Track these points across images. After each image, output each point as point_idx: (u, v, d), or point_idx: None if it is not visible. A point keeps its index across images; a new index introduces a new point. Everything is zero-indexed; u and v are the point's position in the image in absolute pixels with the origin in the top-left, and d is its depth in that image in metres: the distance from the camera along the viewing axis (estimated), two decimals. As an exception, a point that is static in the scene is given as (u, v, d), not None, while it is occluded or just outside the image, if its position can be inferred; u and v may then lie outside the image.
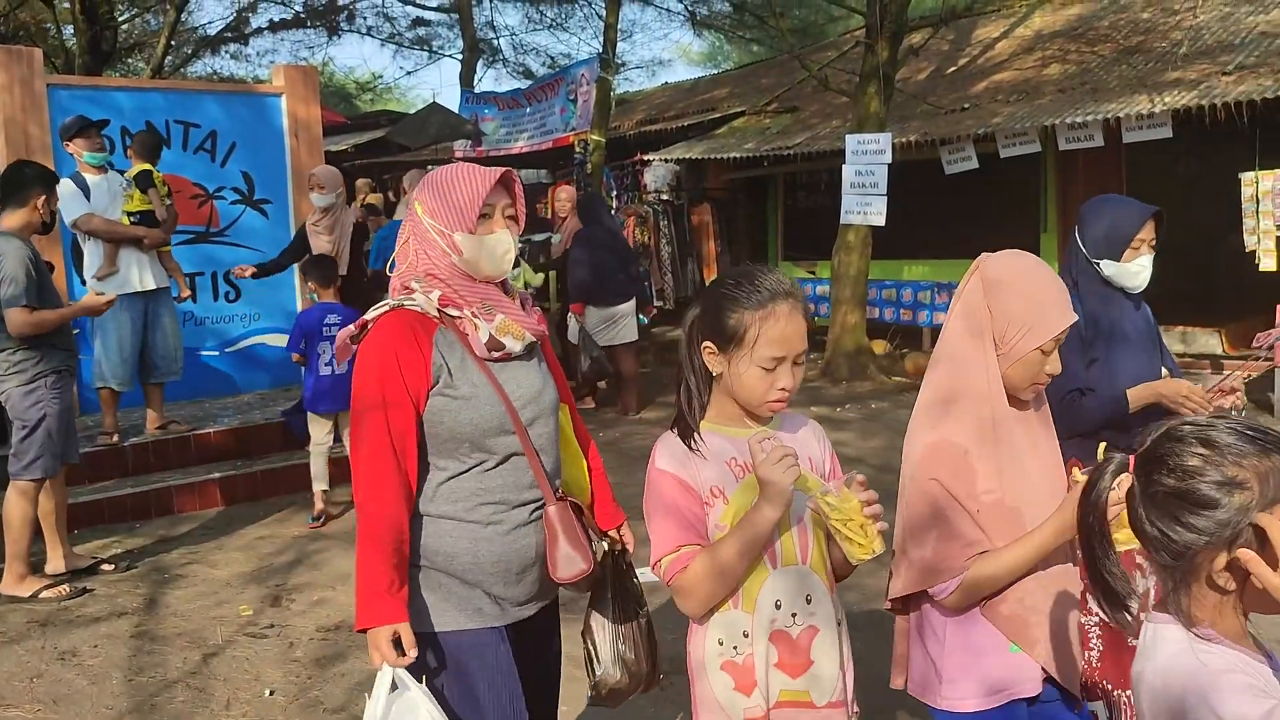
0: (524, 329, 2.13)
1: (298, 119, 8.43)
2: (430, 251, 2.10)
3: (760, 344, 1.85)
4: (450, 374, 2.05)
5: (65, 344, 4.86)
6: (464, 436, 2.06)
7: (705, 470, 1.91)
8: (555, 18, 16.55)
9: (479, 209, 2.07)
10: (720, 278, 1.98)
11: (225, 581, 5.03)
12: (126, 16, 14.29)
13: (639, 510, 2.02)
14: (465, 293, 2.10)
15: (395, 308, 2.08)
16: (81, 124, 6.19)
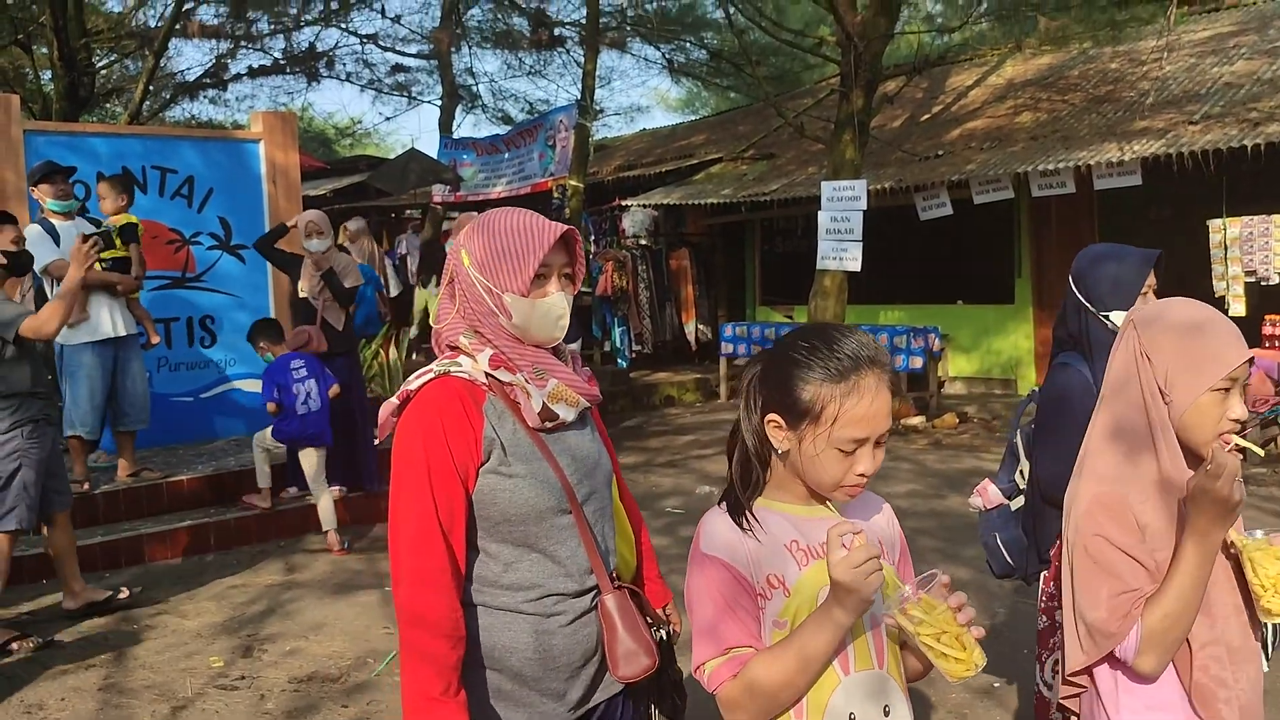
0: (577, 394, 1.89)
1: (276, 165, 8.44)
2: (476, 307, 1.86)
3: (841, 424, 1.57)
4: (503, 449, 1.81)
5: (43, 392, 4.82)
6: (518, 518, 1.82)
7: (761, 555, 1.63)
8: (534, 65, 16.69)
9: (535, 269, 1.81)
10: (791, 338, 1.67)
11: (196, 632, 4.95)
12: (105, 62, 14.33)
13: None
14: (515, 355, 1.85)
15: (441, 375, 1.83)
16: (47, 169, 6.18)
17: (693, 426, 10.05)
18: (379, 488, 6.83)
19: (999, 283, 11.37)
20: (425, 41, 15.68)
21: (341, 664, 4.51)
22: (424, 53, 16.27)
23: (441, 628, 1.73)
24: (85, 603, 5.10)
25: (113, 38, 13.85)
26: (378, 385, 8.60)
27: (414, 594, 1.73)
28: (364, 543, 6.40)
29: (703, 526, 1.70)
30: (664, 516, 6.79)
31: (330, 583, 5.63)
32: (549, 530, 1.84)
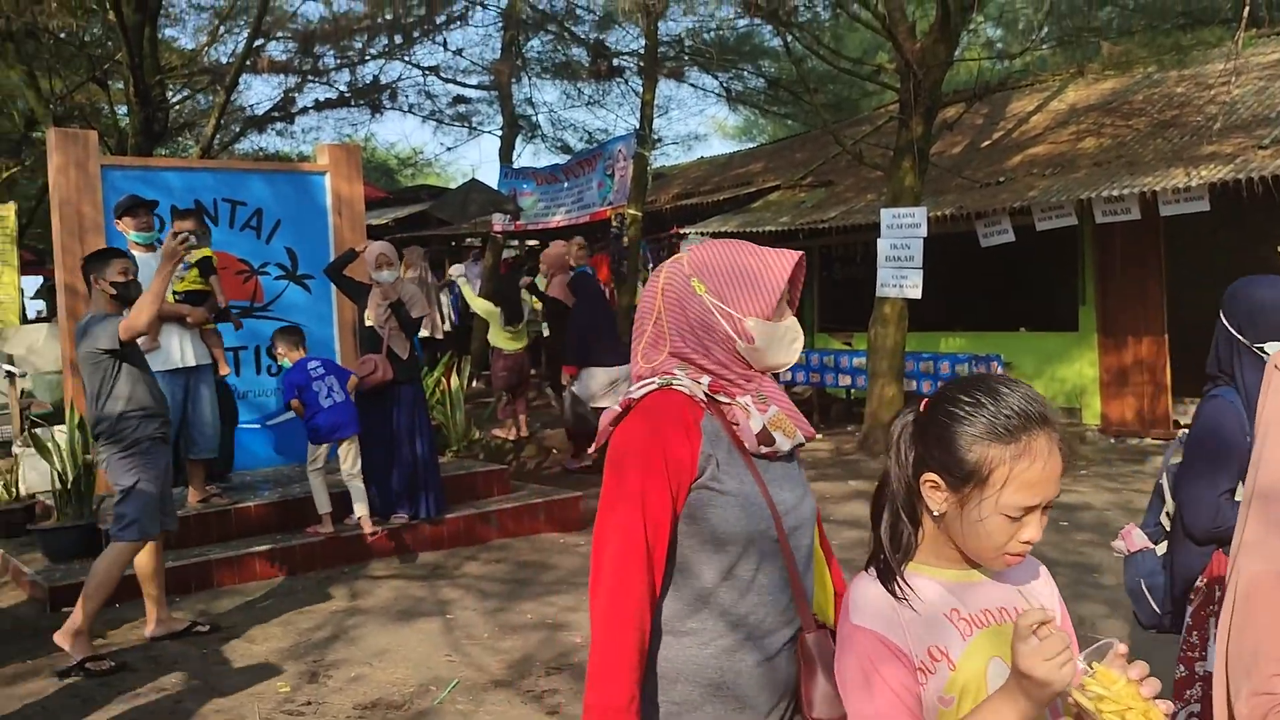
0: (795, 427, 1.85)
1: (341, 196, 8.60)
2: (704, 334, 1.81)
3: (1010, 489, 1.45)
4: (718, 465, 1.76)
5: (159, 413, 5.02)
6: (726, 539, 1.76)
7: (919, 626, 1.51)
8: (593, 95, 16.87)
9: (781, 292, 1.81)
10: (951, 390, 1.56)
11: (263, 657, 5.03)
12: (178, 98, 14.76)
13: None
14: (741, 381, 1.82)
15: (663, 386, 1.78)
16: (131, 203, 6.38)
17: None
18: (441, 515, 6.91)
19: (1062, 310, 11.22)
20: (486, 73, 15.93)
21: (405, 691, 4.55)
22: (485, 84, 16.53)
23: (635, 640, 1.68)
24: (168, 631, 5.20)
25: (186, 74, 14.29)
26: (439, 413, 8.70)
27: (612, 603, 1.69)
28: (425, 570, 6.46)
29: (851, 595, 1.58)
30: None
31: (393, 609, 5.69)
32: (755, 556, 1.78)
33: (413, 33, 14.41)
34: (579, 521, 7.43)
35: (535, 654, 4.95)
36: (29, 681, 4.76)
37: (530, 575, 6.28)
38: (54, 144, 7.54)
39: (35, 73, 11.21)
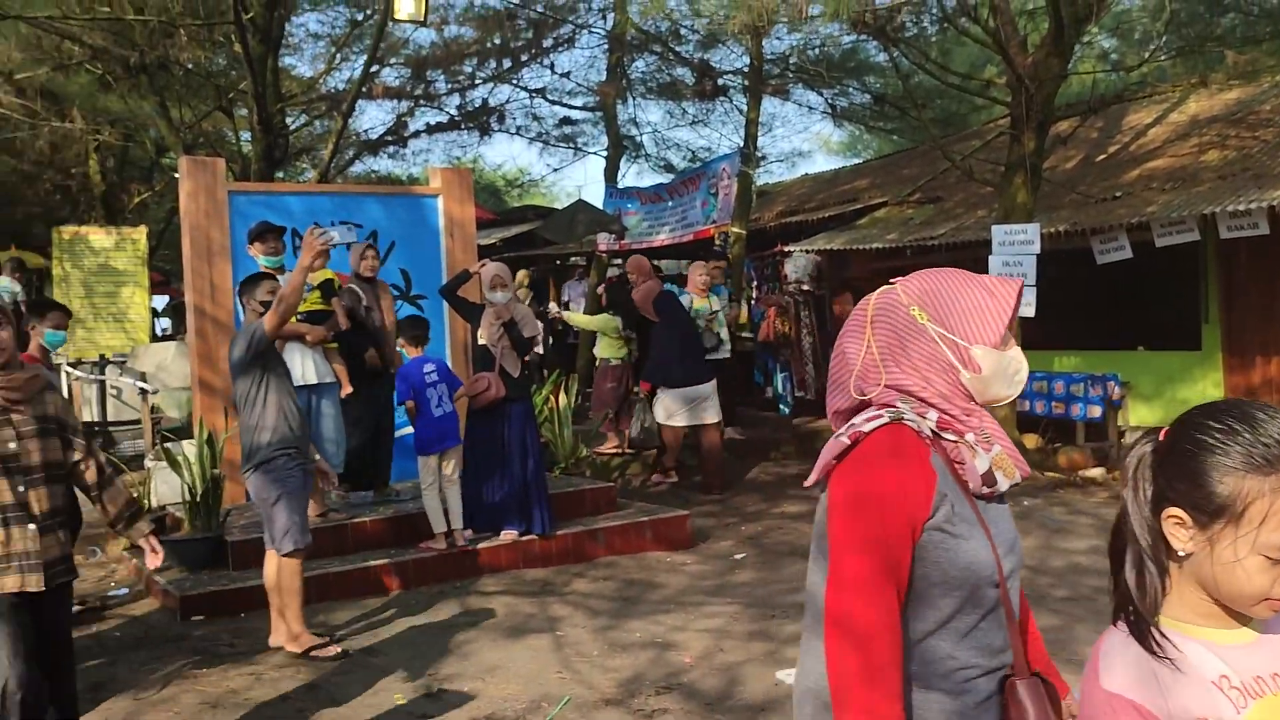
0: (1015, 466, 1.78)
1: (453, 218, 8.81)
2: (925, 365, 1.75)
3: (1270, 525, 1.31)
4: (951, 506, 1.69)
5: (296, 428, 5.25)
6: (956, 581, 1.68)
7: (1182, 693, 1.34)
8: (697, 114, 16.95)
9: (1009, 320, 1.75)
10: (1198, 417, 1.41)
11: (380, 669, 5.16)
12: (297, 124, 15.31)
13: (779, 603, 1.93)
14: (964, 416, 1.74)
15: (894, 421, 1.71)
16: (261, 229, 6.65)
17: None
18: (550, 532, 7.00)
19: (1183, 328, 10.82)
20: (591, 94, 16.13)
21: (517, 707, 4.62)
22: (590, 105, 16.75)
23: (887, 686, 1.61)
24: (306, 648, 5.29)
25: (304, 101, 14.82)
26: (548, 430, 8.81)
27: (861, 649, 1.61)
28: (535, 586, 6.55)
29: (1102, 655, 1.42)
30: (832, 568, 6.69)
31: (504, 625, 5.78)
32: (979, 600, 1.71)
33: (520, 56, 14.70)
34: (686, 540, 7.44)
35: (645, 673, 4.98)
36: (164, 687, 4.97)
37: (638, 593, 6.32)
38: (185, 171, 7.90)
39: (166, 103, 11.75)
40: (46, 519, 3.45)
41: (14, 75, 12.29)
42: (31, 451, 3.44)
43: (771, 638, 5.40)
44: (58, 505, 3.52)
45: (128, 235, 15.00)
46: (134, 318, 14.50)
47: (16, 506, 3.39)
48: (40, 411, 3.49)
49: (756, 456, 10.74)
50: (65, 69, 12.74)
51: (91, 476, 3.69)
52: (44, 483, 3.47)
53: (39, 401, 3.50)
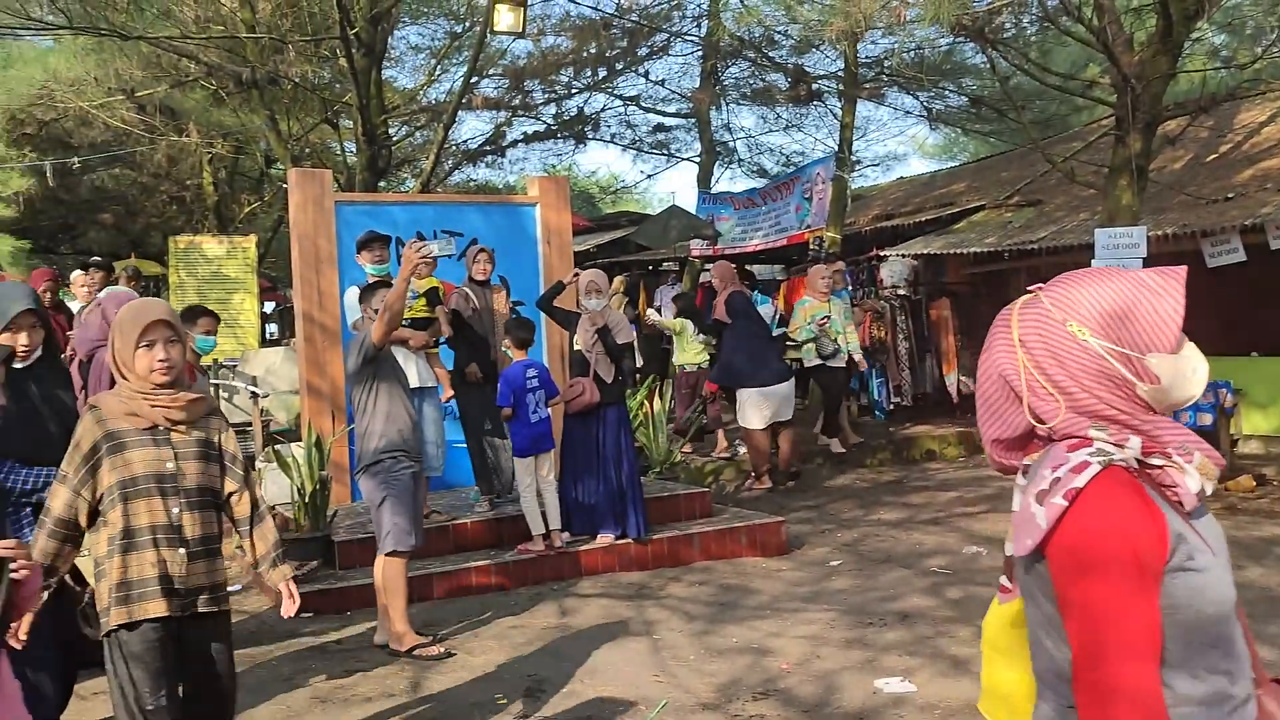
0: (1214, 464, 1.62)
1: (550, 226, 8.96)
2: (1096, 384, 1.60)
3: None
4: (1185, 541, 1.55)
5: (405, 432, 5.42)
6: (1212, 619, 1.54)
7: None
8: (790, 119, 16.89)
9: (1180, 322, 1.59)
10: None
11: (481, 669, 5.29)
12: (400, 136, 15.71)
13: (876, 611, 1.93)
14: (1160, 432, 1.60)
15: (1107, 465, 1.55)
16: (367, 238, 6.86)
17: (956, 483, 9.76)
18: (646, 536, 7.07)
19: (1301, 333, 10.43)
20: (685, 101, 16.20)
21: (615, 709, 4.69)
22: (683, 111, 16.81)
23: None
24: (410, 646, 5.43)
25: (406, 113, 15.20)
26: (642, 435, 8.90)
27: None
28: (631, 590, 6.62)
29: None
30: (929, 576, 6.64)
31: (602, 628, 5.87)
32: (1231, 628, 1.58)
33: (615, 65, 14.85)
34: (781, 546, 7.44)
35: (742, 678, 5.01)
36: (274, 682, 5.18)
37: (734, 599, 6.35)
38: (294, 182, 8.19)
39: (276, 116, 12.17)
40: (198, 545, 3.31)
41: (135, 92, 12.87)
42: (189, 473, 3.31)
43: (869, 645, 5.38)
44: (211, 532, 3.38)
45: (238, 244, 15.57)
46: (244, 323, 15.05)
47: (169, 528, 3.26)
48: (203, 434, 3.37)
49: (852, 463, 10.67)
50: (182, 85, 13.29)
51: (243, 510, 3.51)
52: (199, 507, 3.34)
53: (202, 424, 3.39)
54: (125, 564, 3.21)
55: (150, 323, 3.21)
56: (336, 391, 7.88)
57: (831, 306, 10.22)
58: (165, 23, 11.29)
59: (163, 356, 3.22)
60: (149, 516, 3.23)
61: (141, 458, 3.24)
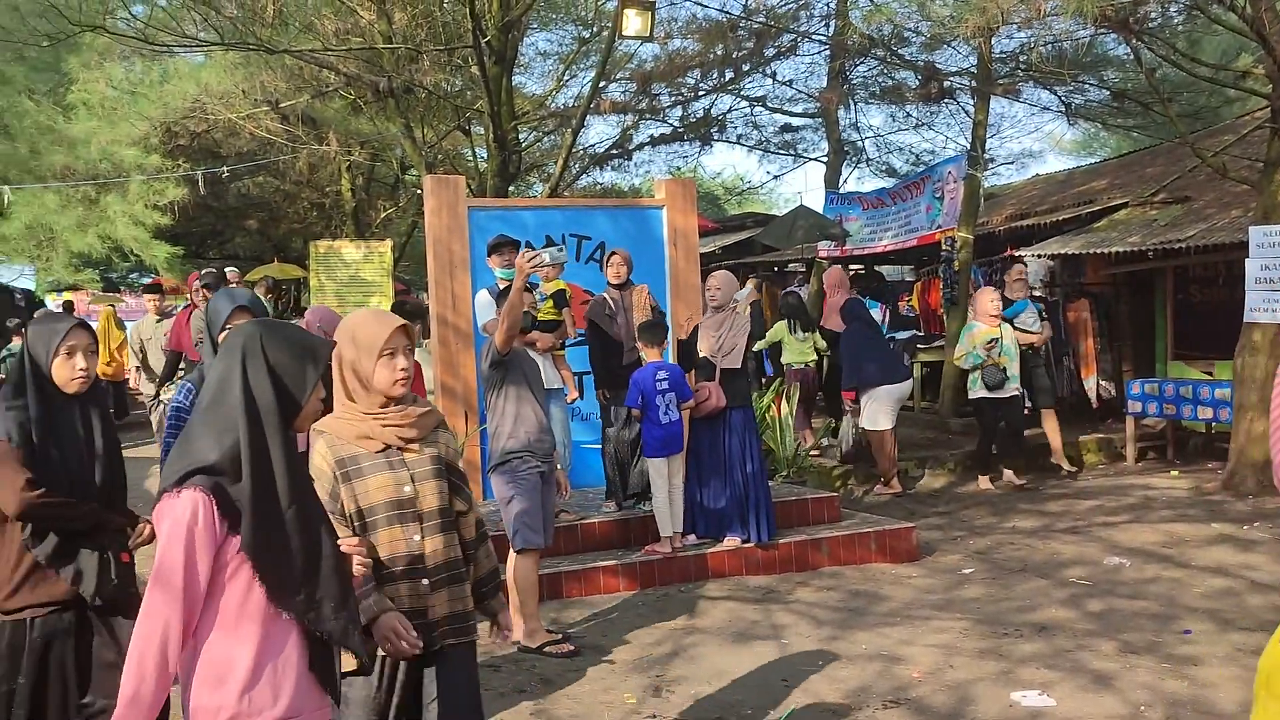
0: None
1: (677, 229, 8.98)
2: None
3: None
4: None
5: (534, 432, 5.50)
6: None
7: None
8: (920, 117, 16.54)
9: None
10: None
11: (610, 667, 5.35)
12: (529, 141, 15.98)
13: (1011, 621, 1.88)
14: None
15: None
16: (497, 242, 7.00)
17: (1096, 491, 9.42)
18: (773, 540, 7.03)
19: None
20: (812, 101, 16.04)
21: (742, 713, 4.69)
22: (810, 111, 16.65)
23: None
24: (540, 644, 5.55)
25: (536, 118, 15.46)
26: (769, 438, 8.85)
27: None
28: (758, 593, 6.59)
29: None
30: (1067, 587, 6.42)
31: (729, 630, 5.86)
32: None
33: (742, 66, 14.79)
34: (911, 553, 7.30)
35: (871, 685, 4.94)
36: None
37: (863, 605, 6.26)
38: (429, 189, 8.41)
39: (410, 123, 12.53)
40: (440, 572, 3.02)
41: (279, 103, 13.43)
42: (427, 495, 3.02)
43: (1004, 657, 5.24)
44: (454, 556, 3.08)
45: (375, 248, 16.09)
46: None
47: (409, 558, 2.98)
48: (435, 451, 3.07)
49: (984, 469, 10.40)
50: (323, 96, 13.81)
51: (470, 532, 3.19)
52: (439, 530, 3.04)
53: (433, 439, 3.08)
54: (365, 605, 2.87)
55: (394, 330, 2.95)
56: (469, 391, 8.07)
57: (1003, 331, 9.48)
58: (307, 36, 11.75)
59: (404, 366, 2.97)
60: (389, 548, 2.96)
61: (379, 484, 2.96)
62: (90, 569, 3.37)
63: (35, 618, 3.34)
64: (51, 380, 3.36)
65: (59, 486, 3.32)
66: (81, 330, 3.42)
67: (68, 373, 3.36)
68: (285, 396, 2.32)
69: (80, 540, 3.38)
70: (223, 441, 2.26)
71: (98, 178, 14.68)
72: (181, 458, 2.28)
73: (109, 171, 14.66)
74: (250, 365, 2.32)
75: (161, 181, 14.79)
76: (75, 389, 3.39)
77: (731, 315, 7.20)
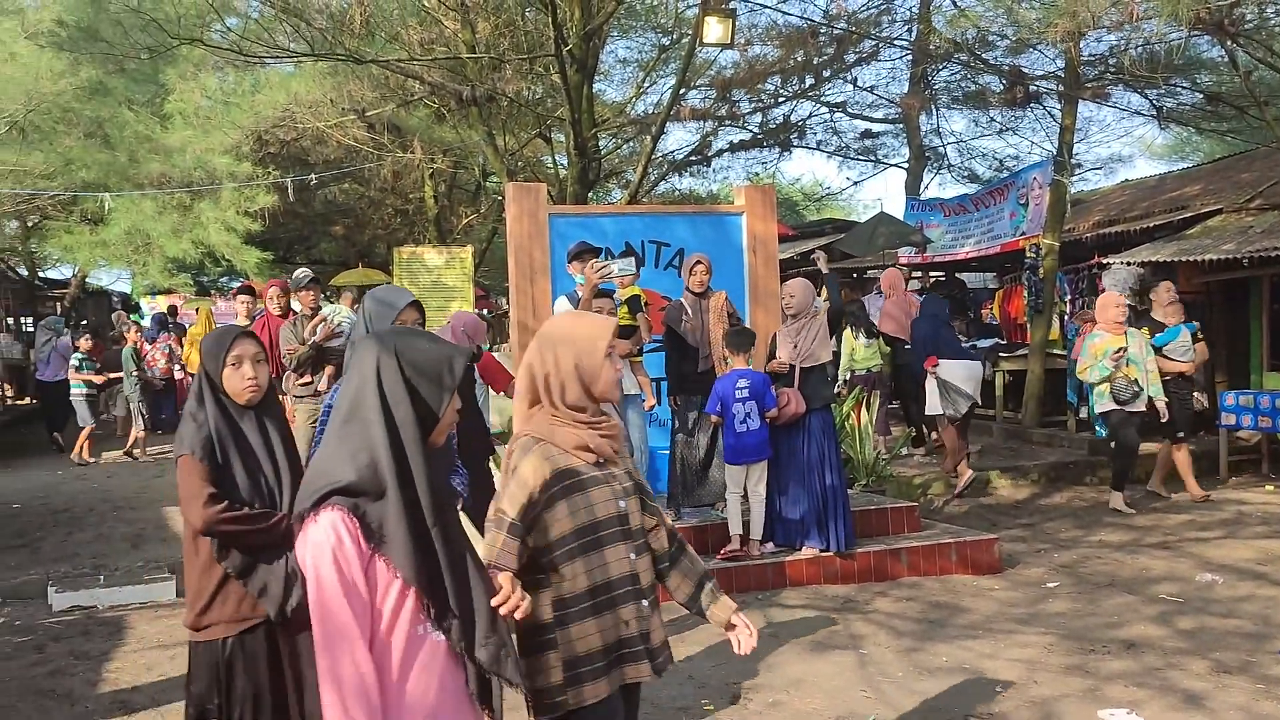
0: None
1: (756, 235, 8.97)
2: None
3: None
4: None
5: None
6: None
7: None
8: (1004, 122, 16.30)
9: None
10: None
11: (688, 674, 5.35)
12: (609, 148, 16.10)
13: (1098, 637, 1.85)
14: None
15: None
16: (579, 250, 7.08)
17: (1187, 505, 9.16)
18: (851, 549, 6.97)
19: None
20: (893, 106, 15.90)
21: (822, 722, 4.67)
22: (891, 117, 16.51)
23: None
24: None
25: (616, 125, 15.57)
26: (849, 446, 8.78)
27: None
28: (836, 603, 6.55)
29: None
30: (1157, 603, 6.26)
31: (807, 639, 5.83)
32: None
33: (823, 72, 14.73)
34: (993, 565, 7.18)
35: (953, 699, 4.88)
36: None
37: (944, 616, 6.18)
38: (511, 196, 8.52)
39: (493, 131, 12.71)
40: (651, 593, 2.83)
41: (366, 112, 13.74)
42: (634, 511, 2.81)
43: (1091, 674, 5.13)
44: (654, 579, 2.89)
45: (456, 254, 16.35)
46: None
47: (630, 579, 2.75)
48: (626, 465, 2.89)
49: (1068, 480, 10.20)
50: (408, 104, 14.09)
51: (662, 543, 2.94)
52: (645, 549, 2.86)
53: (623, 454, 2.91)
54: (584, 631, 2.67)
55: (613, 328, 2.76)
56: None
57: (1129, 339, 8.83)
58: (393, 46, 12.00)
59: (619, 366, 2.81)
60: (613, 568, 2.72)
61: (602, 499, 2.72)
62: (277, 584, 3.23)
63: (228, 636, 3.21)
64: (225, 392, 3.26)
65: (243, 499, 3.21)
66: (246, 339, 3.30)
67: (238, 383, 3.24)
68: (422, 408, 2.19)
69: (267, 554, 3.24)
70: (359, 459, 2.13)
71: (192, 185, 15.15)
72: (317, 477, 2.16)
73: (203, 179, 15.14)
74: (385, 376, 2.18)
75: (252, 188, 15.22)
76: (247, 399, 3.27)
77: (810, 321, 7.16)
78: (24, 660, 5.70)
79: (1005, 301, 14.81)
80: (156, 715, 4.88)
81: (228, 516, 3.15)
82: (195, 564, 3.26)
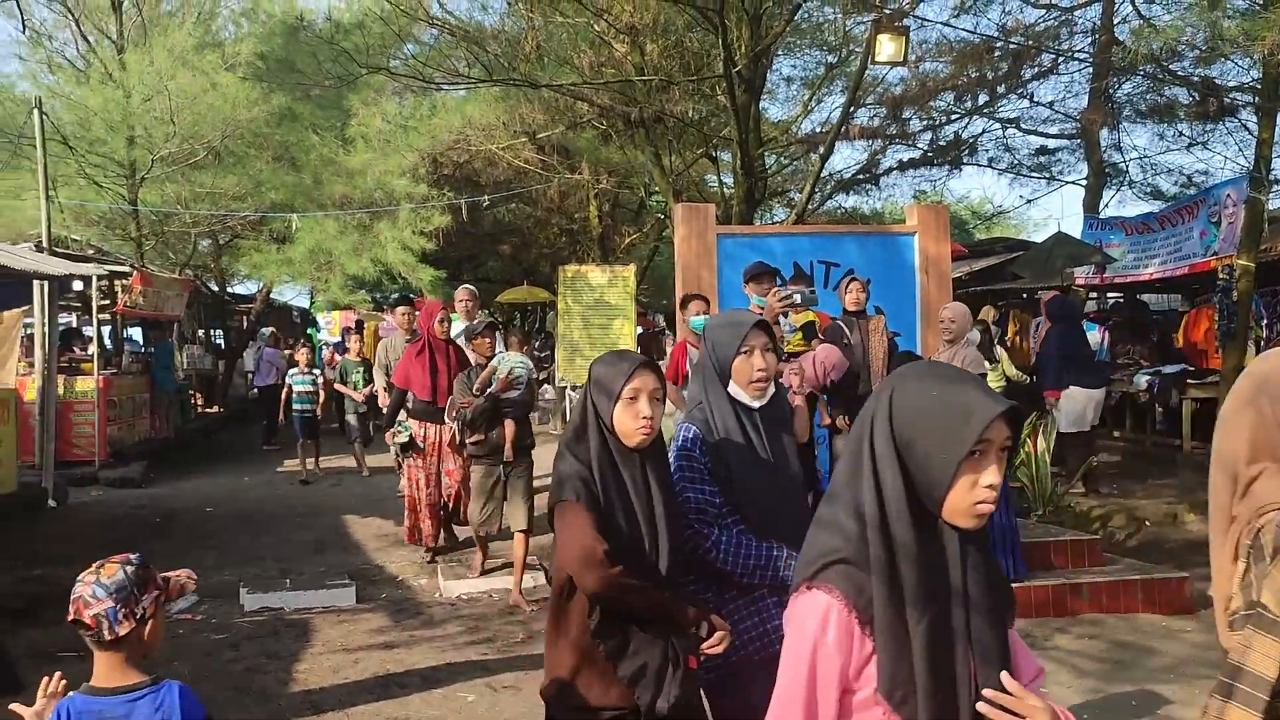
0: None
1: (929, 256, 8.77)
2: None
3: None
4: None
5: None
6: None
7: None
8: (1194, 136, 15.45)
9: None
10: None
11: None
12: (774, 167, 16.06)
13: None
14: None
15: None
16: (757, 271, 7.05)
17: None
18: (1021, 579, 6.70)
19: None
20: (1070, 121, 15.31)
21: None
22: (1067, 133, 15.90)
23: None
24: None
25: (783, 144, 15.52)
26: (1023, 474, 8.47)
27: None
28: (1013, 637, 6.31)
29: None
30: None
31: (983, 674, 5.63)
32: None
33: (997, 88, 14.31)
34: (1185, 605, 6.79)
35: (1144, 746, 4.63)
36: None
37: (1130, 658, 5.87)
38: (680, 216, 8.58)
39: (659, 152, 12.84)
40: None
41: (536, 135, 14.10)
42: None
43: (1298, 727, 4.78)
44: None
45: (619, 273, 16.55)
46: (623, 348, 15.93)
47: None
48: None
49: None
50: (576, 127, 14.39)
51: None
52: None
53: None
54: None
55: None
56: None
57: None
58: (564, 70, 12.28)
59: None
60: None
61: None
62: (652, 670, 2.71)
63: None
64: (614, 431, 2.77)
65: (620, 559, 2.68)
66: (647, 371, 2.78)
67: (631, 421, 2.74)
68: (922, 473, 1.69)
69: (646, 631, 2.73)
70: (846, 526, 1.73)
71: (372, 205, 15.87)
72: (814, 540, 1.78)
73: (382, 199, 15.84)
74: (877, 428, 1.74)
75: (428, 209, 15.82)
76: (638, 441, 2.76)
77: (963, 348, 6.96)
78: (222, 656, 6.04)
79: (1190, 326, 14.03)
80: (343, 717, 5.08)
81: (624, 581, 2.67)
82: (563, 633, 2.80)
